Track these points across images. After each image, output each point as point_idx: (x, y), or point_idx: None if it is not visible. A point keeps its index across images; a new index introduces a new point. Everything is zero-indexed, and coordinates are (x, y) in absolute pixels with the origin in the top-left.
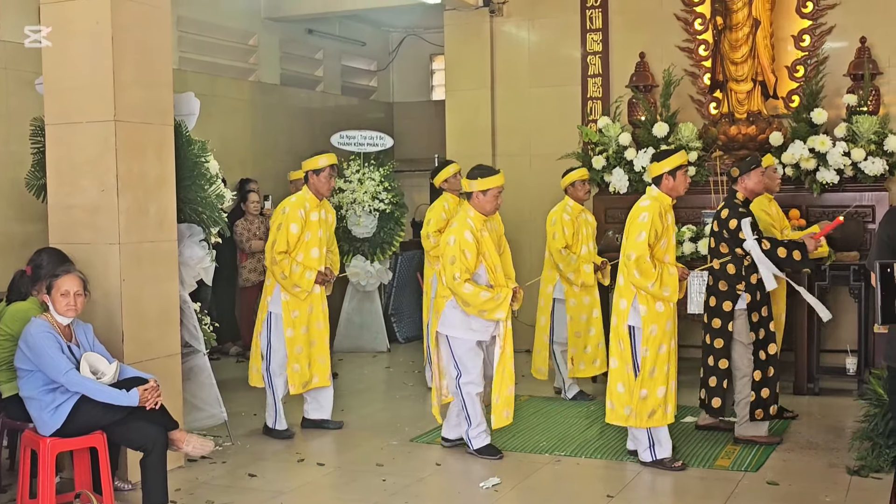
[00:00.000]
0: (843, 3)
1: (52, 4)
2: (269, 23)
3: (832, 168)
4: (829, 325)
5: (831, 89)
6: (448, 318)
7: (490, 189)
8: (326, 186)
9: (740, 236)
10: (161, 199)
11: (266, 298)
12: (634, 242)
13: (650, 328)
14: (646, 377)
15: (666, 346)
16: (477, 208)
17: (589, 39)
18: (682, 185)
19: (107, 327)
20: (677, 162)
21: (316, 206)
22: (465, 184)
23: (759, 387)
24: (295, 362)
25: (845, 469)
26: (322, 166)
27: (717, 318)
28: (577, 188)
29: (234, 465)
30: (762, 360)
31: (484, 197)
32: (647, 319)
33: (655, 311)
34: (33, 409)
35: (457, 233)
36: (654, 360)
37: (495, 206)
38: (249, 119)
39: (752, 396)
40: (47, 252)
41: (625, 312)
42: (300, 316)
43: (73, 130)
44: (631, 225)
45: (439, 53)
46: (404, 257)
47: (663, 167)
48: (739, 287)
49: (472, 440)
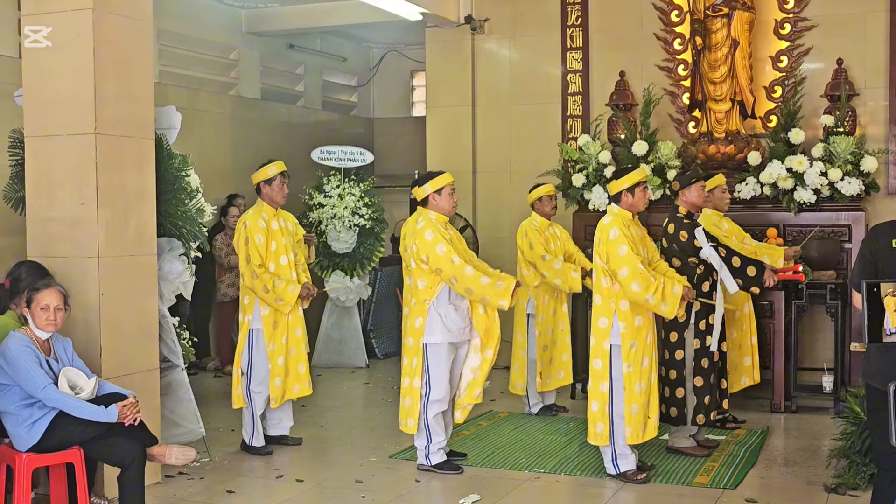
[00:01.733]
0: (821, 25)
1: (33, 16)
2: (250, 37)
3: (809, 188)
4: (805, 343)
5: (808, 110)
6: (430, 326)
7: (443, 187)
8: (280, 195)
9: (696, 244)
10: (141, 213)
11: (246, 316)
12: (619, 258)
13: (630, 344)
14: (633, 393)
15: (648, 359)
16: (437, 210)
17: (569, 58)
18: (640, 201)
19: (85, 341)
20: (636, 179)
21: (273, 215)
22: (417, 192)
23: (702, 393)
24: (277, 376)
25: (823, 487)
26: (272, 175)
27: (673, 332)
28: (543, 203)
29: (212, 482)
30: (704, 368)
31: (440, 196)
32: (625, 336)
33: (634, 326)
34: (10, 424)
35: (427, 229)
36: (638, 375)
37: (452, 204)
38: (229, 133)
39: (693, 401)
40: (26, 265)
41: (605, 331)
42: (280, 326)
43: (52, 143)
44: (606, 245)
45: (420, 70)
46: (384, 273)
47: (622, 184)
48: None
49: (431, 456)
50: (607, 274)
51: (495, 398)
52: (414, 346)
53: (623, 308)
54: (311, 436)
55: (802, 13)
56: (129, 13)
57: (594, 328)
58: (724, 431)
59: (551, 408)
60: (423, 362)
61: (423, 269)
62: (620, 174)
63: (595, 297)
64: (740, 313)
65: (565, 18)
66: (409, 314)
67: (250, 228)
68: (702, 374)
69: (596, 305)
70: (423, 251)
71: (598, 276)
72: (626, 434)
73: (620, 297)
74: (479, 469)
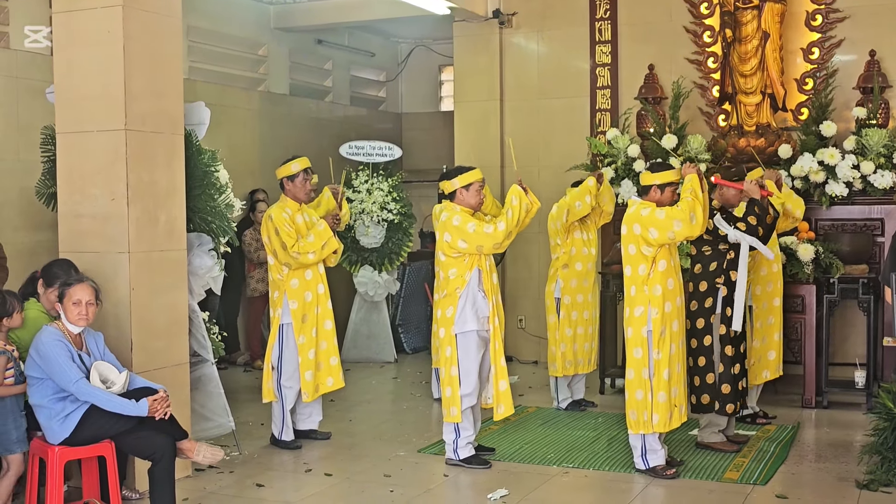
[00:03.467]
0: (853, 16)
1: (64, 14)
2: (279, 33)
3: (841, 181)
4: (837, 338)
5: (840, 102)
6: (461, 315)
7: (472, 183)
8: (303, 191)
9: (720, 233)
10: (171, 209)
11: (276, 311)
12: (664, 221)
13: (660, 330)
14: (661, 380)
15: (676, 347)
16: (463, 204)
17: (598, 51)
18: (667, 199)
19: (116, 336)
20: (669, 178)
21: (297, 209)
22: (445, 185)
23: (722, 380)
24: (307, 369)
25: (854, 483)
26: (295, 171)
27: (700, 318)
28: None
29: (242, 475)
30: (728, 356)
31: (467, 192)
32: (656, 322)
33: (665, 312)
34: (42, 418)
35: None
36: (667, 362)
37: (479, 200)
38: (258, 129)
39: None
40: (57, 263)
41: (642, 318)
42: (310, 319)
43: (83, 139)
44: (643, 222)
45: (448, 64)
46: (412, 268)
47: (654, 179)
48: (718, 281)
49: (459, 451)
50: (644, 260)
51: (524, 393)
52: (447, 336)
53: (657, 293)
54: (339, 430)
55: (834, 4)
56: (159, 9)
57: (630, 319)
58: (754, 427)
59: (580, 403)
60: (456, 353)
61: (452, 259)
62: (656, 168)
63: (629, 288)
64: (768, 305)
65: (594, 12)
66: (440, 305)
67: (276, 220)
68: (724, 361)
69: (630, 296)
70: (456, 238)
71: (633, 267)
72: (654, 422)
73: (654, 283)
74: (507, 464)
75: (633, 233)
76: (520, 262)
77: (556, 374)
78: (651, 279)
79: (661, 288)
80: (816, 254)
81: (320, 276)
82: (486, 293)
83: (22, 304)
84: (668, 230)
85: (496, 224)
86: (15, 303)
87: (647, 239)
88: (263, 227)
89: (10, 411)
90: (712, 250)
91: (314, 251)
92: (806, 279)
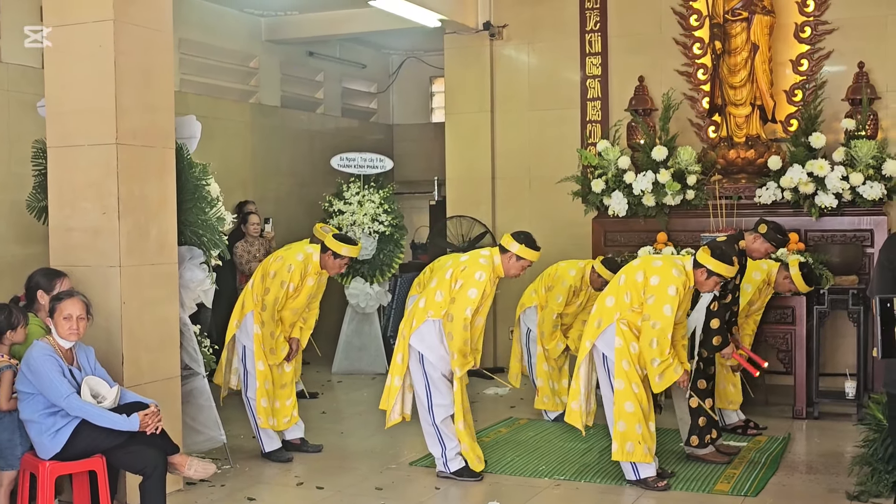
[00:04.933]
0: (841, 28)
1: (56, 28)
2: (270, 45)
3: (831, 192)
4: (827, 348)
5: (829, 114)
6: (423, 335)
7: (524, 259)
8: (336, 271)
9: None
10: (162, 222)
11: (235, 322)
12: (662, 314)
13: (622, 362)
14: (622, 410)
15: (639, 387)
16: (504, 266)
17: (588, 63)
18: (707, 286)
19: (106, 350)
20: (721, 271)
21: (316, 273)
22: (507, 240)
23: (697, 414)
24: (263, 396)
25: (845, 494)
26: (343, 255)
27: None
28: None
29: (233, 489)
30: (700, 390)
31: (515, 263)
32: (620, 352)
33: (629, 349)
34: (33, 433)
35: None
36: (627, 395)
37: (515, 275)
38: (250, 141)
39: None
40: (39, 271)
41: (595, 331)
42: (271, 351)
43: (74, 153)
44: (658, 291)
45: (439, 76)
46: (403, 279)
47: (709, 263)
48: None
49: (449, 463)
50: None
51: (515, 405)
52: (404, 342)
53: (623, 327)
54: (330, 443)
55: (823, 16)
56: (150, 24)
57: (588, 325)
58: (745, 438)
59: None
60: (420, 366)
61: (450, 287)
62: (717, 256)
63: (608, 298)
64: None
65: (584, 23)
66: (413, 312)
67: (293, 275)
68: (699, 394)
69: (604, 306)
70: (463, 278)
71: (624, 286)
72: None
73: (627, 318)
74: (498, 476)
75: (636, 279)
76: None
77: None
78: (630, 315)
79: (629, 326)
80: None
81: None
82: None
83: (27, 319)
84: (653, 320)
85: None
86: (20, 317)
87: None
88: (281, 260)
89: (18, 426)
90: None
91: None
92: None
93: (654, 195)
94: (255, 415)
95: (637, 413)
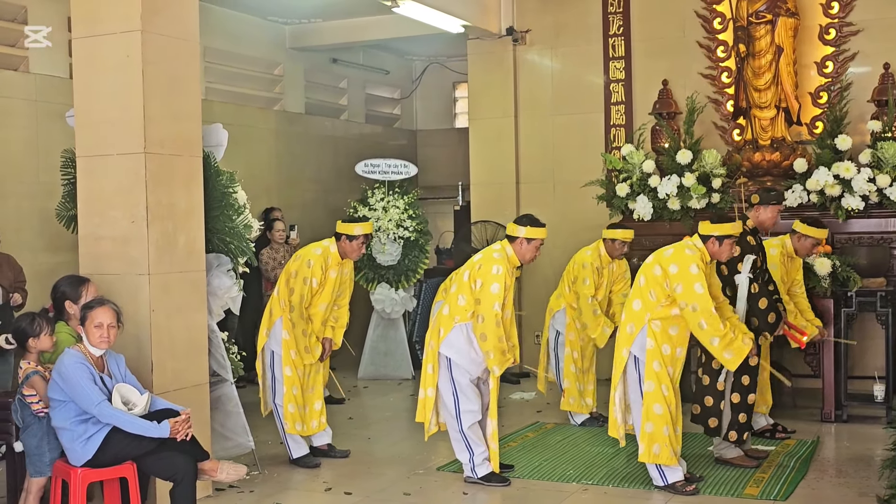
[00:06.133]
0: (866, 29)
1: (84, 39)
2: (294, 52)
3: (857, 194)
4: (856, 351)
5: (855, 115)
6: (452, 341)
7: (534, 239)
8: (356, 253)
9: (738, 267)
10: (190, 230)
11: (264, 331)
12: (695, 294)
13: (653, 363)
14: (651, 411)
15: (668, 389)
16: (517, 253)
17: (612, 67)
18: (725, 253)
19: (136, 357)
20: (729, 231)
21: (337, 264)
22: (512, 228)
23: (738, 410)
24: (290, 402)
25: (875, 498)
26: (357, 234)
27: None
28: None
29: (262, 495)
30: (743, 385)
31: (528, 245)
32: (651, 353)
33: (661, 351)
34: (65, 440)
35: (498, 264)
36: (657, 397)
37: (532, 258)
38: (274, 148)
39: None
40: (64, 279)
41: (629, 337)
42: (298, 357)
43: (103, 162)
44: (682, 277)
45: (462, 81)
46: (428, 284)
47: (713, 230)
48: None
49: (476, 468)
50: (656, 287)
51: (541, 409)
52: (433, 352)
53: (656, 328)
54: (358, 448)
55: (847, 18)
56: (177, 34)
57: (621, 332)
58: (773, 442)
59: (598, 418)
60: (448, 373)
61: (471, 288)
62: (716, 220)
63: (634, 301)
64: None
65: (607, 28)
66: (438, 321)
67: (314, 270)
68: (739, 390)
69: (632, 310)
70: (481, 276)
71: (646, 285)
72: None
73: (658, 316)
74: (526, 481)
75: (654, 274)
76: (537, 278)
77: (565, 409)
78: (658, 312)
79: (661, 325)
80: (833, 267)
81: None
82: None
83: (52, 327)
84: (691, 304)
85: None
86: (44, 323)
87: (662, 287)
88: (300, 259)
89: (46, 433)
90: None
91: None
92: (823, 293)
93: (679, 199)
94: (282, 421)
95: (665, 415)
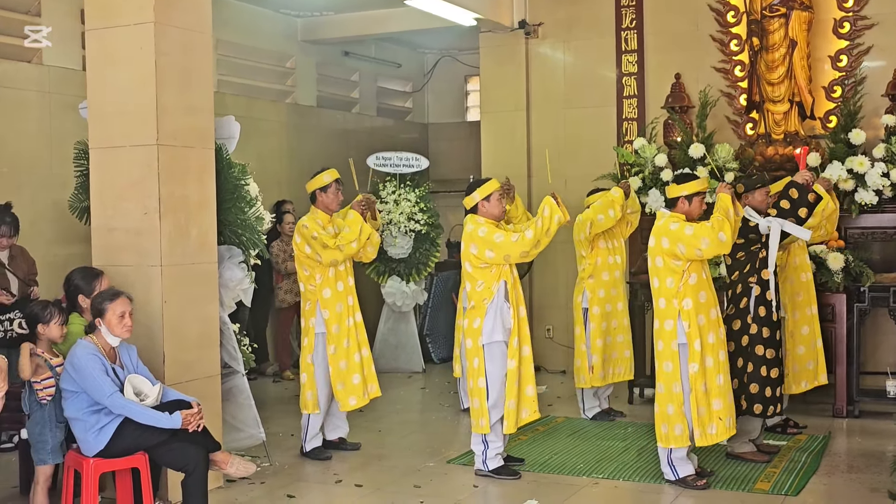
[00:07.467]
0: (881, 23)
1: (97, 31)
2: (306, 45)
3: (871, 189)
4: (868, 346)
5: (869, 109)
6: (488, 326)
7: (491, 194)
8: (335, 202)
9: (749, 224)
10: (202, 222)
11: (309, 321)
12: (689, 236)
13: (694, 344)
14: (699, 394)
15: (713, 359)
16: (487, 216)
17: (624, 61)
18: (696, 210)
19: (148, 349)
20: (696, 188)
21: (328, 222)
22: (467, 201)
23: (765, 384)
24: (338, 380)
25: (888, 494)
26: (327, 182)
27: (737, 320)
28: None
29: (273, 486)
30: (765, 358)
31: (489, 203)
32: (691, 335)
33: (698, 324)
34: (78, 430)
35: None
36: (703, 375)
37: (502, 209)
38: (286, 141)
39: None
40: (76, 271)
41: (672, 332)
42: (341, 330)
43: (116, 154)
44: (671, 237)
45: (474, 75)
46: (440, 278)
47: (682, 191)
48: (751, 280)
49: (488, 461)
50: (672, 273)
51: (552, 403)
52: (474, 347)
53: (687, 307)
54: (368, 441)
55: (862, 11)
56: (190, 26)
57: (660, 332)
58: (785, 437)
59: (609, 412)
60: (483, 364)
61: (479, 270)
62: (681, 180)
63: (657, 300)
64: (801, 315)
65: (620, 21)
66: (467, 315)
67: (311, 228)
68: (754, 361)
69: (660, 309)
70: (483, 249)
71: (660, 279)
72: (696, 436)
73: (684, 296)
74: (536, 474)
75: (662, 246)
76: (547, 272)
77: (583, 386)
78: (681, 292)
79: (693, 301)
80: (846, 262)
81: (350, 289)
82: (512, 305)
83: (65, 317)
84: (696, 247)
85: (523, 233)
86: (55, 312)
87: (675, 253)
88: (298, 235)
89: (49, 421)
90: (746, 254)
91: (355, 239)
92: (836, 288)
93: None
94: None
95: (715, 388)
